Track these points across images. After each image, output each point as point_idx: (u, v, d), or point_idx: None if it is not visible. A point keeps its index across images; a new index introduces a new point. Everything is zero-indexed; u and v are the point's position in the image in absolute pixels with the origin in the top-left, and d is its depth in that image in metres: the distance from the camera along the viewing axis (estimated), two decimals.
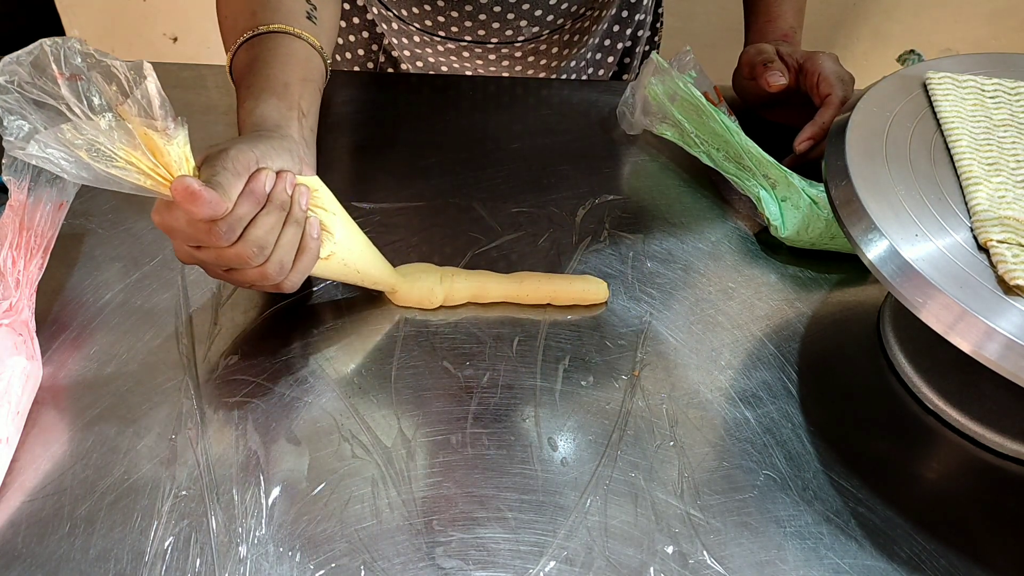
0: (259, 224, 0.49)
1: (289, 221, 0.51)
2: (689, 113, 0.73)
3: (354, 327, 0.59)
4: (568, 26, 0.89)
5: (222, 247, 0.48)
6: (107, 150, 0.42)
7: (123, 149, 0.43)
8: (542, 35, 0.89)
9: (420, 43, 0.91)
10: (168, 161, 0.45)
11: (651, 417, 0.55)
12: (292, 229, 0.52)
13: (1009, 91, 0.61)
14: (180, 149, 0.45)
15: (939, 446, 0.56)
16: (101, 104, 0.43)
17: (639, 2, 0.96)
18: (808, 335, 0.61)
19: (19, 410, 0.50)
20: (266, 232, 0.50)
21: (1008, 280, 0.47)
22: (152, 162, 0.44)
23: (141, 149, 0.43)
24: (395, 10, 0.88)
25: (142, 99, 0.43)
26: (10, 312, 0.53)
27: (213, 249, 0.49)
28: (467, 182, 0.73)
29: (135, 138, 0.43)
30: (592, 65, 0.98)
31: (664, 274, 0.66)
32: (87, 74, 0.43)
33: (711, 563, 0.47)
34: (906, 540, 0.49)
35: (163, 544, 0.46)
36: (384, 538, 0.47)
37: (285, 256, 0.51)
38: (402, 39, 0.92)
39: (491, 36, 0.88)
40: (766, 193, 0.68)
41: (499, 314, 0.61)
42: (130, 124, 0.43)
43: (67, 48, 0.42)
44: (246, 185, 0.48)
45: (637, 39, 0.99)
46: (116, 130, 0.42)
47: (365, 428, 0.53)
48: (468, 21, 0.86)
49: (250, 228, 0.49)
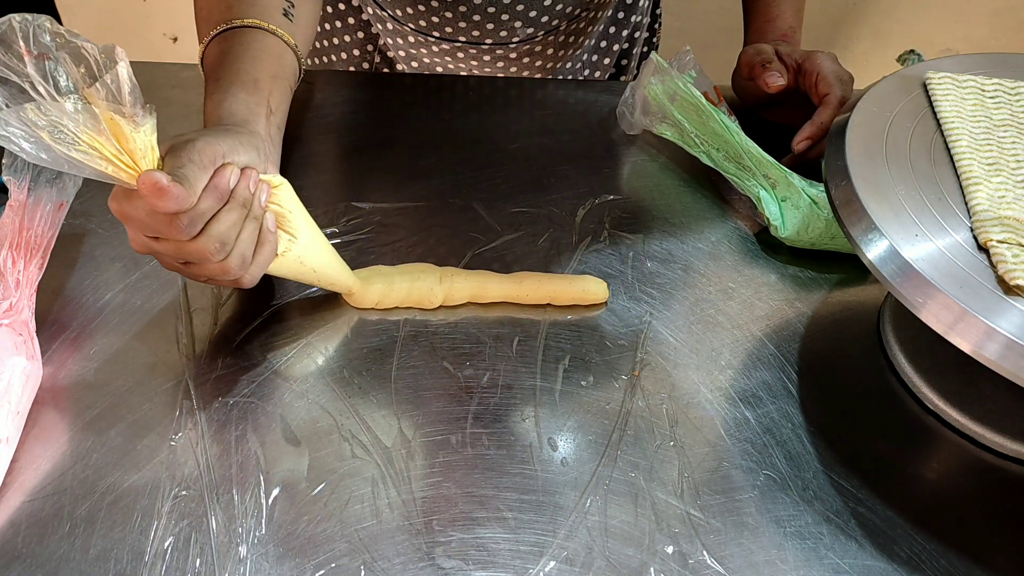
0: (221, 220, 0.49)
1: (249, 216, 0.51)
2: (689, 113, 0.73)
3: (354, 327, 0.59)
4: (563, 27, 0.89)
5: (182, 240, 0.48)
6: (70, 133, 0.41)
7: (87, 133, 0.42)
8: (537, 36, 0.89)
9: (415, 43, 0.90)
10: (133, 148, 0.44)
11: (651, 417, 0.55)
12: (252, 225, 0.51)
13: (1009, 91, 0.61)
14: (146, 137, 0.44)
15: (939, 446, 0.55)
16: (67, 86, 0.42)
17: (635, 3, 0.95)
18: (808, 335, 0.61)
19: (19, 410, 0.50)
20: (228, 228, 0.49)
21: (1008, 280, 0.47)
22: (116, 148, 0.43)
23: (106, 134, 0.42)
24: (390, 10, 0.88)
25: (111, 83, 0.42)
26: (10, 312, 0.53)
27: (172, 242, 0.48)
28: (467, 182, 0.73)
29: (100, 123, 0.42)
30: (588, 67, 0.98)
31: (664, 274, 0.66)
32: (55, 54, 0.41)
33: (711, 563, 0.47)
34: (906, 540, 0.49)
35: (163, 544, 0.46)
36: (384, 538, 0.47)
37: (246, 251, 0.51)
38: (397, 39, 0.91)
39: (485, 37, 0.88)
40: (766, 193, 0.68)
41: (499, 314, 0.61)
42: (96, 108, 0.42)
43: (36, 26, 0.41)
44: (211, 180, 0.48)
45: (634, 40, 0.99)
46: (81, 113, 0.41)
47: (365, 428, 0.53)
48: (462, 22, 0.86)
49: (212, 223, 0.48)
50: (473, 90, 0.86)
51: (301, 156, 0.74)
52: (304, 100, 0.81)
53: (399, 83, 0.86)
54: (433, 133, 0.78)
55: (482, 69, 0.93)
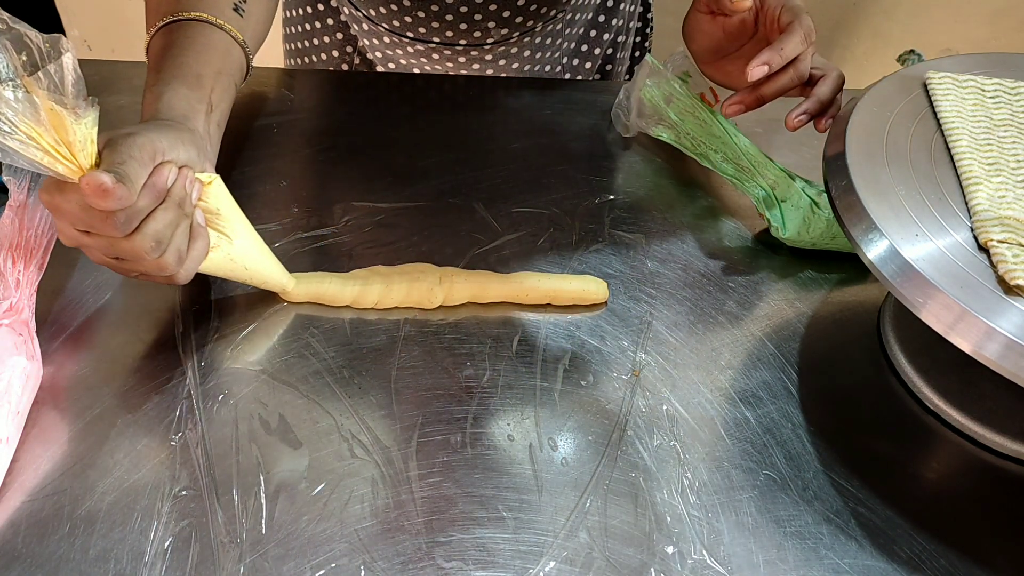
0: (157, 218, 0.48)
1: (183, 214, 0.50)
2: (685, 115, 0.73)
3: (354, 327, 0.59)
4: (539, 28, 0.88)
5: (115, 237, 0.47)
6: (7, 121, 0.41)
7: (25, 123, 0.41)
8: (511, 37, 0.88)
9: (390, 44, 0.90)
10: (72, 141, 0.43)
11: (651, 417, 0.55)
12: (186, 222, 0.50)
13: (1009, 91, 0.61)
14: (87, 130, 0.43)
15: (939, 446, 0.56)
16: (7, 72, 0.41)
17: (616, 7, 0.95)
18: (808, 335, 0.61)
19: (19, 410, 0.50)
20: (164, 227, 0.48)
21: (1008, 280, 0.47)
22: (55, 140, 0.42)
23: (45, 125, 0.42)
24: (364, 10, 0.87)
25: (55, 74, 0.41)
26: (10, 312, 0.53)
27: (105, 238, 0.47)
28: (467, 182, 0.73)
29: (40, 113, 0.41)
30: (569, 71, 0.97)
31: (664, 274, 0.66)
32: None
33: (711, 563, 0.47)
34: (906, 540, 0.49)
35: (163, 544, 0.46)
36: (384, 538, 0.47)
37: (181, 247, 0.50)
38: (373, 40, 0.91)
39: (459, 38, 0.87)
40: (766, 194, 0.68)
41: (499, 314, 0.61)
42: (37, 98, 0.41)
43: None
44: (149, 178, 0.47)
45: (617, 45, 0.98)
46: (21, 102, 0.41)
47: (365, 428, 0.53)
48: (435, 22, 0.85)
49: (148, 221, 0.47)
50: (474, 90, 0.86)
51: (301, 156, 0.74)
52: (304, 100, 0.81)
53: (399, 83, 0.86)
54: (433, 133, 0.78)
55: (457, 71, 0.92)
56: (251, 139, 0.75)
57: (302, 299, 0.60)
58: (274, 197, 0.69)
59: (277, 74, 0.85)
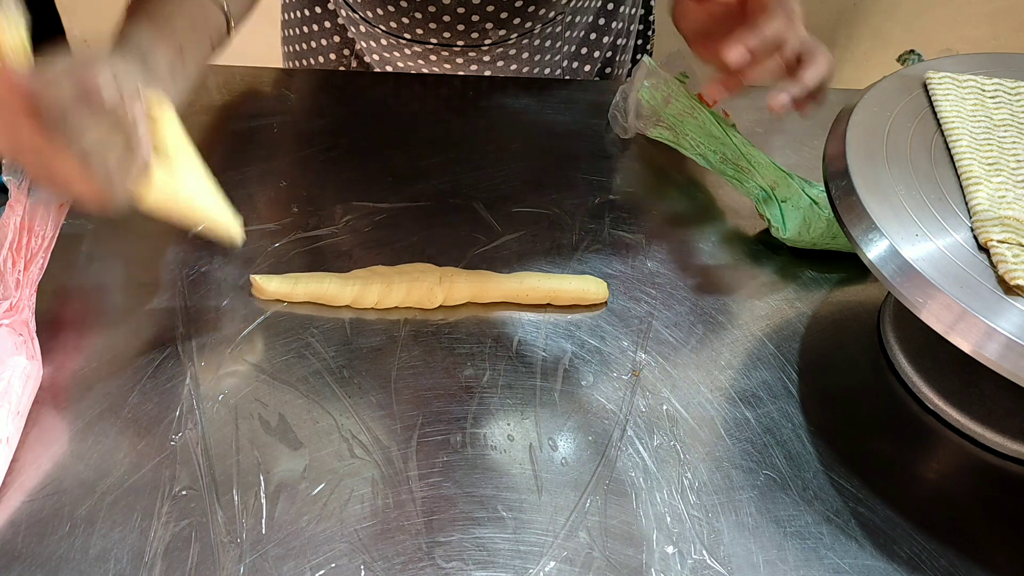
0: (85, 126, 0.45)
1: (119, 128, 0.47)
2: (684, 116, 0.73)
3: (354, 327, 0.59)
4: (537, 30, 0.88)
5: (42, 145, 0.45)
6: None
7: None
8: (510, 39, 0.88)
9: (388, 46, 0.90)
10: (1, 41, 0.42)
11: (651, 417, 0.55)
12: (121, 139, 0.47)
13: (1009, 91, 0.61)
14: (18, 33, 0.42)
15: (939, 446, 0.56)
16: None
17: (616, 10, 0.94)
18: (808, 335, 0.61)
19: (19, 410, 0.50)
20: (93, 138, 0.45)
21: (1008, 280, 0.47)
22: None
23: None
24: (361, 12, 0.87)
25: None
26: (10, 312, 0.53)
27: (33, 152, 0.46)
28: (467, 182, 0.73)
29: None
30: (568, 73, 0.96)
31: (664, 274, 0.65)
32: None
33: (711, 563, 0.47)
34: (906, 540, 0.49)
35: (163, 544, 0.46)
36: (384, 538, 0.47)
37: (111, 163, 0.47)
38: (370, 42, 0.91)
39: (456, 39, 0.87)
40: (766, 194, 0.68)
41: (499, 314, 0.61)
42: None
43: None
44: (76, 76, 0.45)
45: (617, 47, 0.98)
46: None
47: (365, 428, 0.53)
48: (432, 23, 0.85)
49: (76, 130, 0.45)
50: (474, 91, 0.86)
51: (301, 156, 0.74)
52: (303, 101, 0.81)
53: (400, 83, 0.86)
54: (433, 133, 0.78)
55: (456, 72, 0.92)
56: (251, 139, 0.75)
57: (302, 299, 0.60)
58: (274, 197, 0.69)
59: (277, 74, 0.85)
